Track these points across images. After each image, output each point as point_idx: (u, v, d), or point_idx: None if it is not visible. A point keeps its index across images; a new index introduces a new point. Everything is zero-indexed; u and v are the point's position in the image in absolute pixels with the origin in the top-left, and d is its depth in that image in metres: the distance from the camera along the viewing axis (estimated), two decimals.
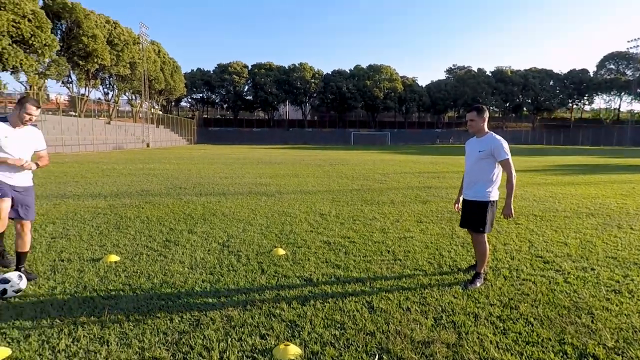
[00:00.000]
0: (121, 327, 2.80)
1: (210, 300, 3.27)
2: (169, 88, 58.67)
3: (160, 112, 62.51)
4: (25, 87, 34.98)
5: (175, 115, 70.49)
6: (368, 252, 4.67)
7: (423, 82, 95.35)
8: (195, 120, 72.46)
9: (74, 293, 3.40)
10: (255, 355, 2.47)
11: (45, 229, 5.63)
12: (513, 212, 3.65)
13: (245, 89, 77.88)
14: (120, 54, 42.59)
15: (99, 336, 2.68)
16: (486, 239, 3.74)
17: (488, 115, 3.79)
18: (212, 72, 76.08)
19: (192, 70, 76.36)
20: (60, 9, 36.29)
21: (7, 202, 3.49)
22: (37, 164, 3.72)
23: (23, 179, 3.64)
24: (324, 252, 4.63)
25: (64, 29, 37.77)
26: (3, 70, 31.24)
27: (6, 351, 2.46)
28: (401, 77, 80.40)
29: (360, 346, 2.58)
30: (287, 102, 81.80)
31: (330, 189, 10.09)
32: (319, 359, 2.43)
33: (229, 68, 74.50)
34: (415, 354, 2.49)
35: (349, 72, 79.62)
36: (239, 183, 11.28)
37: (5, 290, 3.31)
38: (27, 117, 3.50)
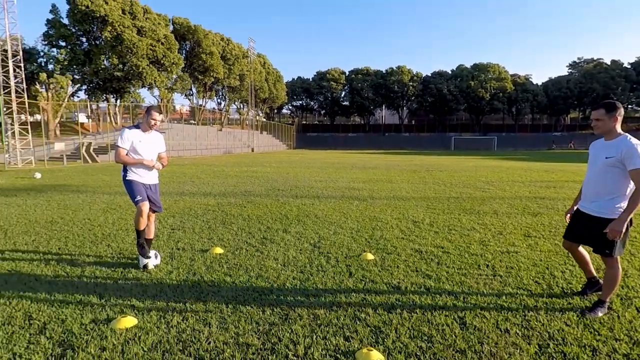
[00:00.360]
0: (221, 313, 3.10)
1: (299, 297, 3.42)
2: (272, 96, 63.00)
3: (264, 119, 67.46)
4: (157, 100, 40.95)
5: (277, 122, 75.40)
6: (463, 264, 4.37)
7: (538, 79, 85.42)
8: (294, 127, 76.48)
9: (185, 278, 3.87)
10: (337, 355, 2.50)
11: (167, 221, 6.52)
12: (623, 230, 2.92)
13: (342, 95, 79.50)
14: (232, 68, 47.23)
15: (203, 318, 3.00)
16: (618, 263, 3.16)
17: (622, 113, 3.08)
18: (311, 79, 79.45)
19: (293, 78, 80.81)
20: (186, 32, 41.76)
21: (147, 205, 4.16)
22: (162, 165, 4.36)
23: (152, 178, 4.30)
24: (415, 261, 4.47)
25: (187, 49, 43.33)
26: (142, 87, 37.08)
27: (133, 321, 2.92)
28: (511, 76, 73.40)
29: None
30: (384, 107, 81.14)
31: (425, 196, 9.70)
32: None
33: (327, 75, 76.92)
34: None
35: (450, 72, 75.69)
36: (332, 187, 11.56)
37: (147, 264, 4.09)
38: (153, 122, 4.13)
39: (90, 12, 32.99)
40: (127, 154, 4.09)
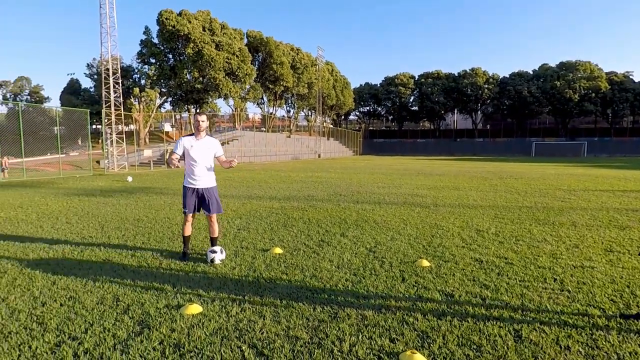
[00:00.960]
0: (275, 307, 3.32)
1: (349, 298, 3.52)
2: (339, 103, 63.73)
3: (331, 126, 68.49)
4: (232, 110, 43.72)
5: (344, 128, 76.01)
6: (527, 276, 4.11)
7: None
8: (361, 132, 76.47)
9: (246, 274, 4.19)
10: (381, 355, 2.56)
11: (235, 222, 7.03)
12: None
13: (411, 100, 77.64)
14: (301, 76, 48.81)
15: (259, 310, 3.25)
16: None
17: None
18: (379, 85, 78.87)
19: (361, 85, 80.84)
20: (259, 44, 44.15)
21: (190, 216, 4.69)
22: (230, 165, 4.71)
23: (206, 182, 4.70)
24: (473, 270, 4.32)
25: (260, 60, 45.73)
26: (219, 97, 39.93)
27: (199, 308, 3.26)
28: (606, 74, 65.60)
29: None
30: (455, 111, 77.62)
31: (495, 205, 9.17)
32: None
33: (395, 80, 75.76)
34: None
35: (531, 73, 70.00)
36: (395, 193, 11.43)
37: (214, 259, 4.49)
38: (197, 123, 4.57)
39: (176, 31, 36.50)
40: (178, 158, 4.55)
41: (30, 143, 25.34)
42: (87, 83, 52.88)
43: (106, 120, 25.11)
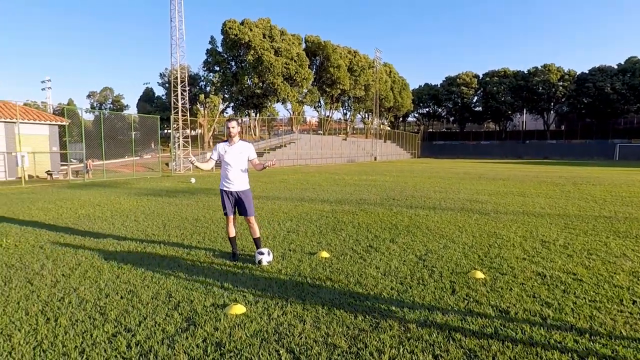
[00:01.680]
0: (316, 313, 3.29)
1: (393, 308, 3.39)
2: (397, 105, 62.49)
3: (388, 128, 67.38)
4: (290, 113, 44.78)
5: (402, 130, 74.35)
6: (600, 296, 3.66)
7: None
8: (420, 135, 74.26)
9: (291, 277, 4.21)
10: None
11: (285, 224, 7.14)
12: None
13: (474, 100, 73.84)
14: (358, 79, 48.65)
15: (300, 315, 3.24)
16: None
17: None
18: (439, 85, 76.11)
19: (420, 85, 78.61)
20: (316, 48, 44.79)
21: (231, 217, 4.85)
22: (263, 167, 4.81)
23: (240, 185, 4.82)
24: (534, 286, 3.94)
25: (317, 64, 46.36)
26: (277, 102, 41.14)
27: (243, 309, 3.34)
28: None
29: None
30: (524, 111, 72.34)
31: (565, 213, 8.36)
32: None
33: (457, 80, 72.57)
34: None
35: (616, 67, 63.12)
36: (452, 198, 10.90)
37: (261, 260, 4.61)
38: (228, 130, 4.71)
39: (238, 40, 38.32)
40: (212, 163, 4.89)
41: (112, 147, 28.05)
42: (159, 91, 57.41)
43: (174, 125, 27.01)
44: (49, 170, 20.20)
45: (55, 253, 5.19)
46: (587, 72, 64.52)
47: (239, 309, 3.32)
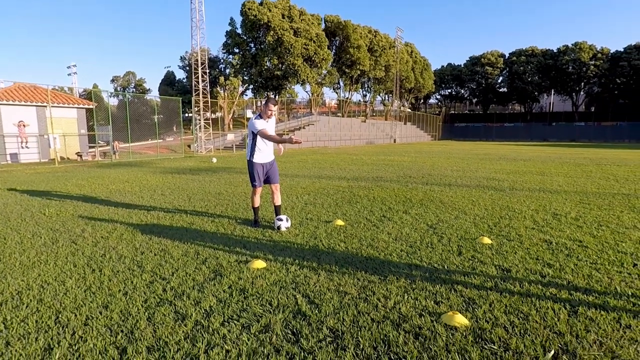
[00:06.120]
0: (330, 268, 3.60)
1: (402, 266, 3.65)
2: (418, 86, 61.32)
3: (409, 110, 66.36)
4: (309, 95, 44.74)
5: (423, 112, 73.06)
6: (601, 260, 3.82)
7: None
8: (441, 117, 72.89)
9: (308, 241, 4.53)
10: (423, 313, 2.69)
11: (303, 197, 7.46)
12: None
13: (499, 81, 71.54)
14: (378, 59, 47.92)
15: (315, 269, 3.56)
16: None
17: None
18: (462, 66, 73.99)
19: (442, 66, 76.59)
20: (336, 28, 44.23)
21: (260, 189, 5.18)
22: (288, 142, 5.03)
23: (270, 156, 5.17)
24: (538, 250, 4.12)
25: (337, 44, 45.85)
26: (297, 83, 41.15)
27: (263, 264, 3.68)
28: None
29: (539, 338, 2.35)
30: (552, 92, 69.67)
31: (583, 191, 8.35)
32: (485, 336, 2.40)
33: (482, 60, 70.29)
34: None
35: None
36: (469, 177, 10.96)
37: (280, 226, 4.95)
38: (270, 112, 4.93)
39: (257, 21, 38.27)
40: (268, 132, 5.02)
41: (136, 130, 28.94)
42: (180, 74, 58.26)
43: (196, 108, 27.58)
44: (78, 152, 21.17)
45: (93, 220, 5.68)
46: (622, 50, 61.30)
47: (259, 264, 3.67)
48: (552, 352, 2.21)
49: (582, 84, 64.89)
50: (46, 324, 2.62)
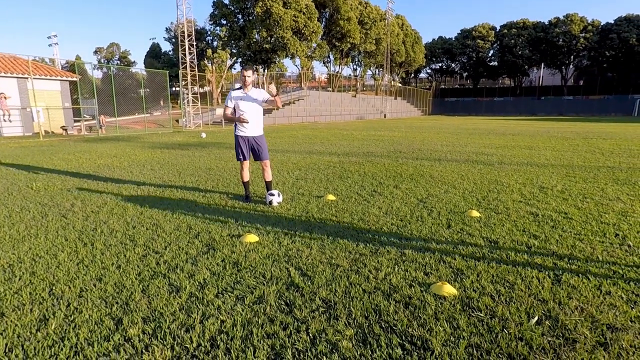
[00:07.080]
0: (322, 241, 3.65)
1: (392, 239, 3.72)
2: (409, 60, 60.51)
3: (399, 85, 65.76)
4: (299, 69, 43.88)
5: (413, 86, 72.52)
6: (585, 230, 3.95)
7: None
8: (431, 91, 72.50)
9: (299, 215, 4.57)
10: (413, 284, 2.77)
11: (294, 173, 7.46)
12: None
13: (490, 54, 70.95)
14: (369, 32, 46.91)
15: (307, 243, 3.60)
16: None
17: None
18: (453, 39, 73.00)
19: (433, 39, 75.42)
20: None
21: (246, 163, 5.10)
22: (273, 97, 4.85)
23: (255, 130, 5.07)
24: (525, 222, 4.23)
25: (327, 16, 44.64)
26: (286, 57, 40.24)
27: (255, 238, 3.71)
28: None
29: (523, 306, 2.45)
30: (542, 66, 69.50)
31: (569, 164, 8.50)
32: (472, 304, 2.49)
33: (473, 32, 69.35)
34: (591, 333, 2.17)
35: None
36: (459, 151, 11.04)
37: (272, 201, 4.96)
38: (243, 79, 4.83)
39: None
40: (230, 112, 4.98)
41: (122, 104, 28.20)
42: (166, 47, 56.39)
43: (183, 82, 26.90)
44: (64, 126, 20.65)
45: (82, 195, 5.62)
46: (612, 22, 60.97)
47: (252, 237, 3.70)
48: (536, 318, 2.31)
49: (572, 57, 64.76)
50: (40, 295, 2.63)
